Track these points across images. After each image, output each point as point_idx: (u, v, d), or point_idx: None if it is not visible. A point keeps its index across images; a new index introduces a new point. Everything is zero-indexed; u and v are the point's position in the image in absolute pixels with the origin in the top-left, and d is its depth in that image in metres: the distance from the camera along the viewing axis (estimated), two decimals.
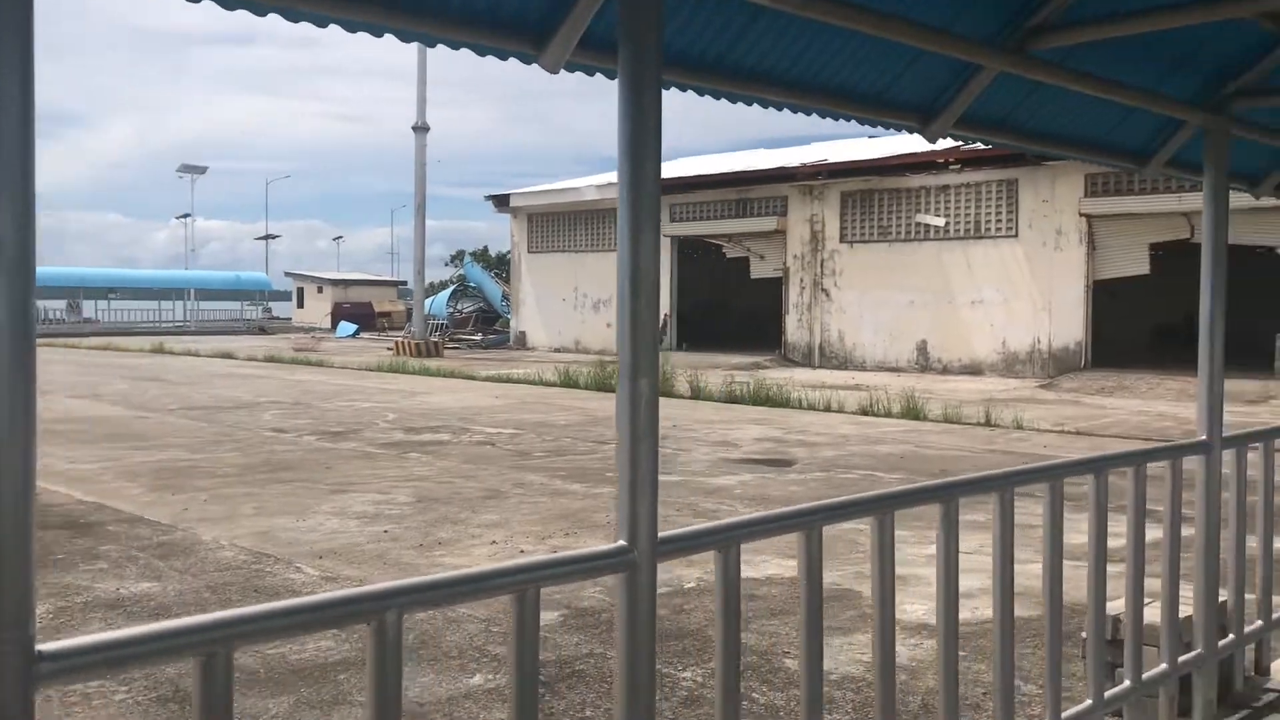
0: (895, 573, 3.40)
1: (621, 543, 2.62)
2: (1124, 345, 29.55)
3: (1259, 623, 5.28)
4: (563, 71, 2.89)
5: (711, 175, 35.36)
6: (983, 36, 3.68)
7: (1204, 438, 4.84)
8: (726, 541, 2.91)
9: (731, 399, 22.32)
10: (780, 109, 3.59)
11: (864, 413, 20.06)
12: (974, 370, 28.33)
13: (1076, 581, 5.06)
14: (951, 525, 3.59)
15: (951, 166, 28.31)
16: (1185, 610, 4.94)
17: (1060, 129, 4.58)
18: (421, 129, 43.97)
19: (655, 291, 2.65)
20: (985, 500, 3.87)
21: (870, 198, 30.83)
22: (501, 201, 41.79)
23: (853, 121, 3.84)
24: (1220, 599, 5.12)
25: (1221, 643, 4.93)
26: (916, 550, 8.56)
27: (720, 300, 40.51)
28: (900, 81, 3.79)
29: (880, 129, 3.94)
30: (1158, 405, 21.60)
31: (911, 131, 4.00)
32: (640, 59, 2.56)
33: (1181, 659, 4.70)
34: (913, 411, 19.54)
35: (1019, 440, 16.22)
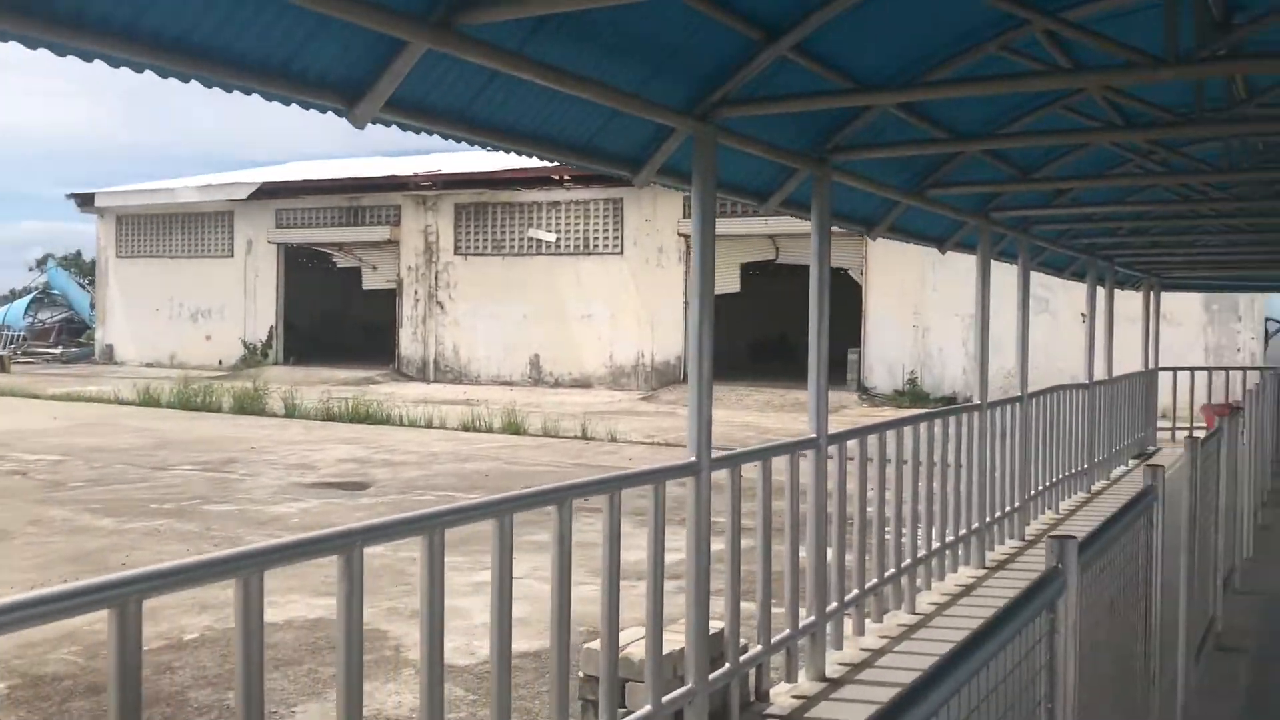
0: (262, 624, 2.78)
1: None
2: (725, 358, 31.08)
3: (758, 647, 5.16)
4: None
5: (322, 180, 33.75)
6: (401, 6, 3.16)
7: (693, 459, 4.62)
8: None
9: (329, 417, 21.13)
10: (141, 70, 2.88)
11: (465, 429, 19.59)
12: (584, 383, 28.71)
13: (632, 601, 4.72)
14: (354, 577, 3.02)
15: (566, 183, 28.56)
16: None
17: (536, 127, 4.17)
18: None
19: None
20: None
21: (484, 210, 30.56)
22: (86, 201, 37.74)
23: (255, 95, 3.18)
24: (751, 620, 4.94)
25: (714, 674, 4.72)
26: (465, 578, 8.07)
27: (336, 312, 38.80)
28: (307, 51, 3.19)
29: (299, 106, 3.31)
30: (744, 415, 22.70)
31: (339, 114, 3.41)
32: None
33: (669, 696, 4.43)
34: (513, 426, 19.30)
35: (608, 453, 16.32)
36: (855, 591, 6.17)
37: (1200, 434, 6.28)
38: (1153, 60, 3.95)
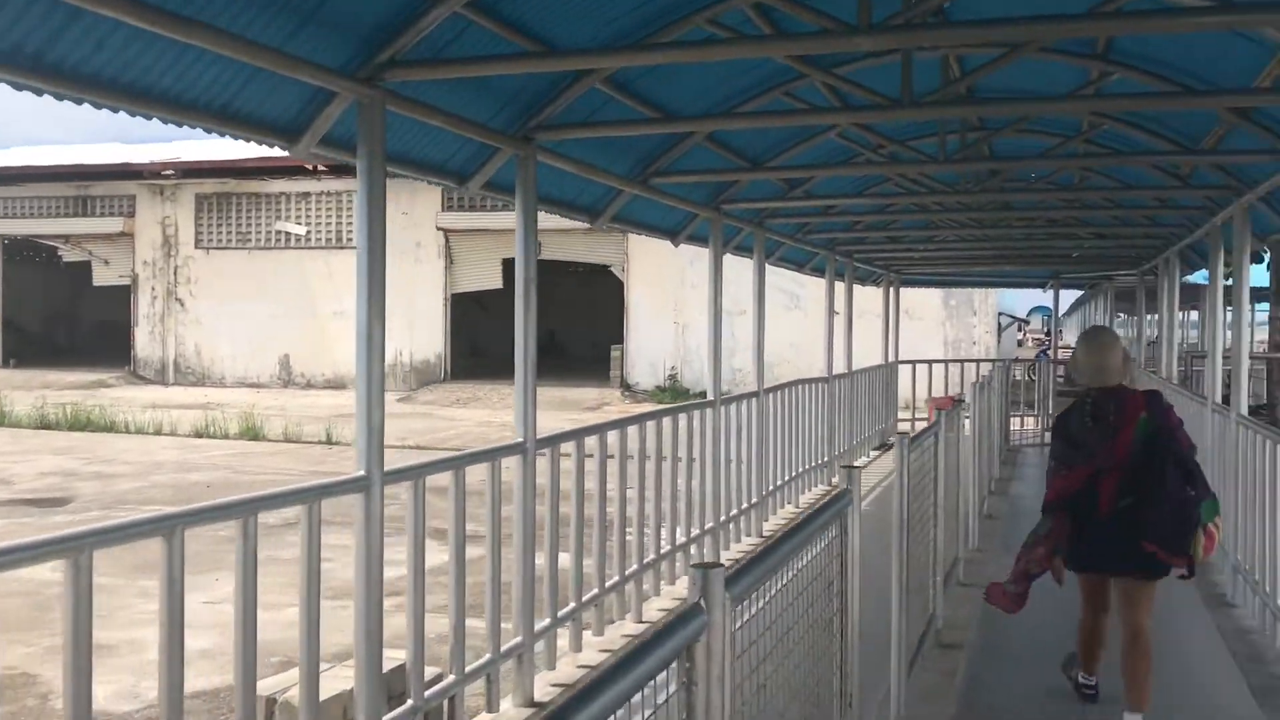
0: None
1: None
2: (492, 357, 30.41)
3: (451, 677, 4.64)
4: None
5: (44, 167, 30.79)
6: None
7: (361, 472, 4.05)
8: None
9: (44, 424, 19.22)
10: None
11: (199, 435, 18.20)
12: (339, 384, 27.39)
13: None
14: None
15: (319, 173, 27.12)
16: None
17: (149, 81, 3.47)
18: None
19: None
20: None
21: (228, 201, 28.71)
22: None
23: None
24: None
25: (391, 714, 4.17)
26: (153, 605, 7.17)
27: (66, 310, 35.72)
28: None
29: None
30: (505, 415, 22.11)
31: None
32: None
33: None
34: (251, 431, 18.06)
35: (351, 459, 15.37)
36: (572, 605, 5.74)
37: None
38: (848, 29, 3.67)
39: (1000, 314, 25.28)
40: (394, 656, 4.58)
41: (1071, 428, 4.80)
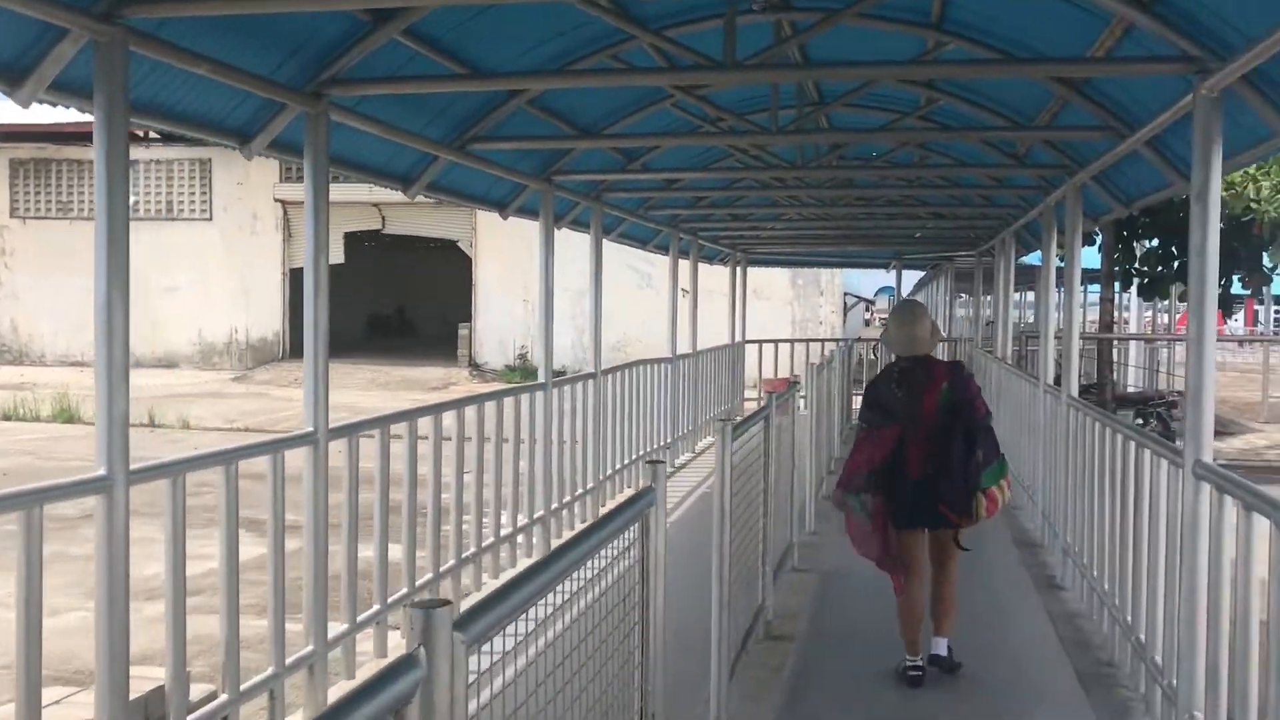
0: None
1: None
2: (341, 335, 29.35)
3: (224, 696, 4.13)
4: None
5: None
6: None
7: (101, 471, 3.51)
8: None
9: None
10: None
11: (7, 417, 16.93)
12: (170, 363, 25.96)
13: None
14: None
15: (148, 140, 25.56)
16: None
17: None
18: None
19: None
20: None
21: (47, 168, 26.85)
22: None
23: None
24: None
25: None
26: None
27: None
28: None
29: None
30: (345, 396, 21.26)
31: None
32: None
33: None
34: (65, 414, 16.87)
35: (173, 443, 14.43)
36: (376, 607, 5.28)
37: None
38: None
39: (846, 294, 25.60)
40: (156, 676, 4.06)
41: (882, 396, 5.13)
